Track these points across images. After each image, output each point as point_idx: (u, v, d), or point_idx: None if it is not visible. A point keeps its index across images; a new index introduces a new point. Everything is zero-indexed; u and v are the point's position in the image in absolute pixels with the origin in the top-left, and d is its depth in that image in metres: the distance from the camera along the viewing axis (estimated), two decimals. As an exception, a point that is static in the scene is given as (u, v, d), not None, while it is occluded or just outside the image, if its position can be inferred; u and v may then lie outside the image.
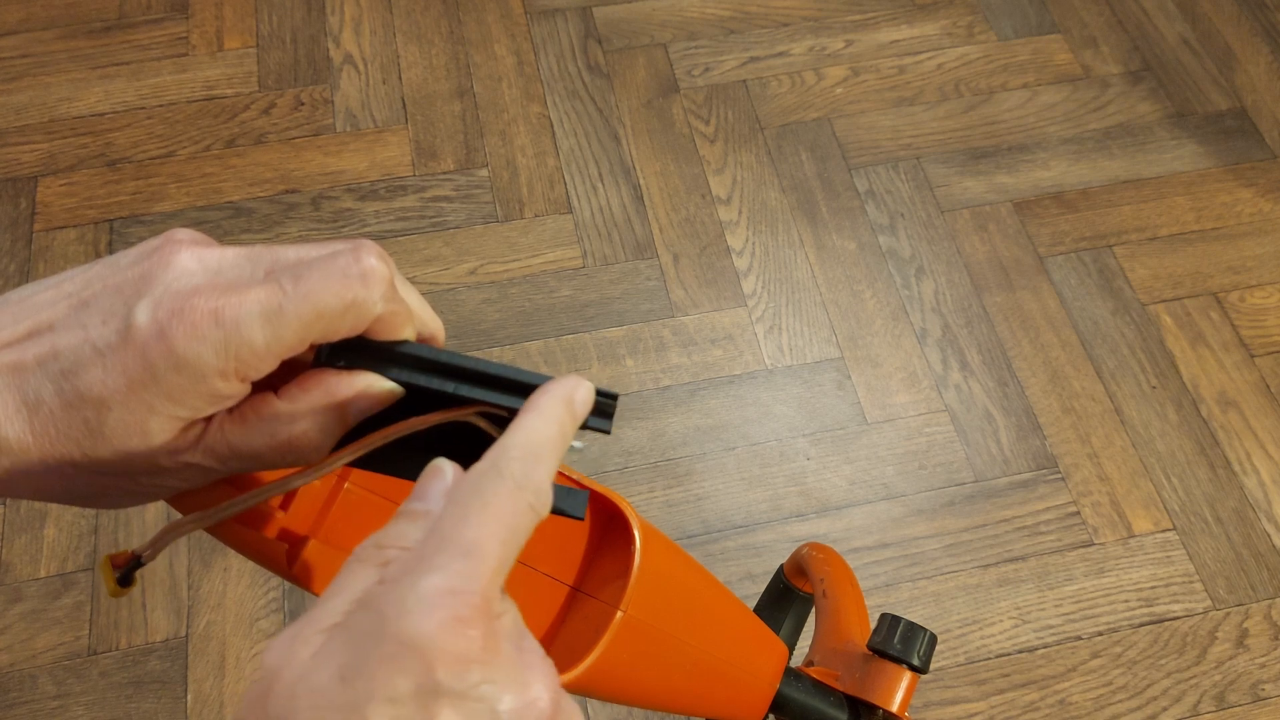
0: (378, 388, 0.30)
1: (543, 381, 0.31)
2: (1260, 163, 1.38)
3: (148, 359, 0.27)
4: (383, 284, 0.28)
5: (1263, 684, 1.03)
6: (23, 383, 0.27)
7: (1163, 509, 1.12)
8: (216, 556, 1.05)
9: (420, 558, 0.25)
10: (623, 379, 1.18)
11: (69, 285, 0.29)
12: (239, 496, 0.31)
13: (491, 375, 0.31)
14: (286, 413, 0.29)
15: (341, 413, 0.30)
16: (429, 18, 1.48)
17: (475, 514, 0.25)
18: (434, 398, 0.31)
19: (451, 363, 0.31)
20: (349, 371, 0.30)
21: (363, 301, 0.28)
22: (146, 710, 0.98)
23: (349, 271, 0.28)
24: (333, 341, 0.29)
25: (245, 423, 0.29)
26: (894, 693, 0.48)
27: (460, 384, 0.31)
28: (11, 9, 1.46)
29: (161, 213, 1.29)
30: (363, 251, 0.28)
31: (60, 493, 0.29)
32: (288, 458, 0.30)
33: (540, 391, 0.29)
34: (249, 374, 0.28)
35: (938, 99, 1.43)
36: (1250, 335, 1.24)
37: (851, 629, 0.55)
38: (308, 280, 0.27)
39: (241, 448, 0.29)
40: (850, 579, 0.60)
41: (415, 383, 0.30)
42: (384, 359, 0.30)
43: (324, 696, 0.23)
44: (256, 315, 0.27)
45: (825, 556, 0.62)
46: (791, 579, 0.68)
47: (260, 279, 0.28)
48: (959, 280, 1.27)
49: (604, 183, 1.33)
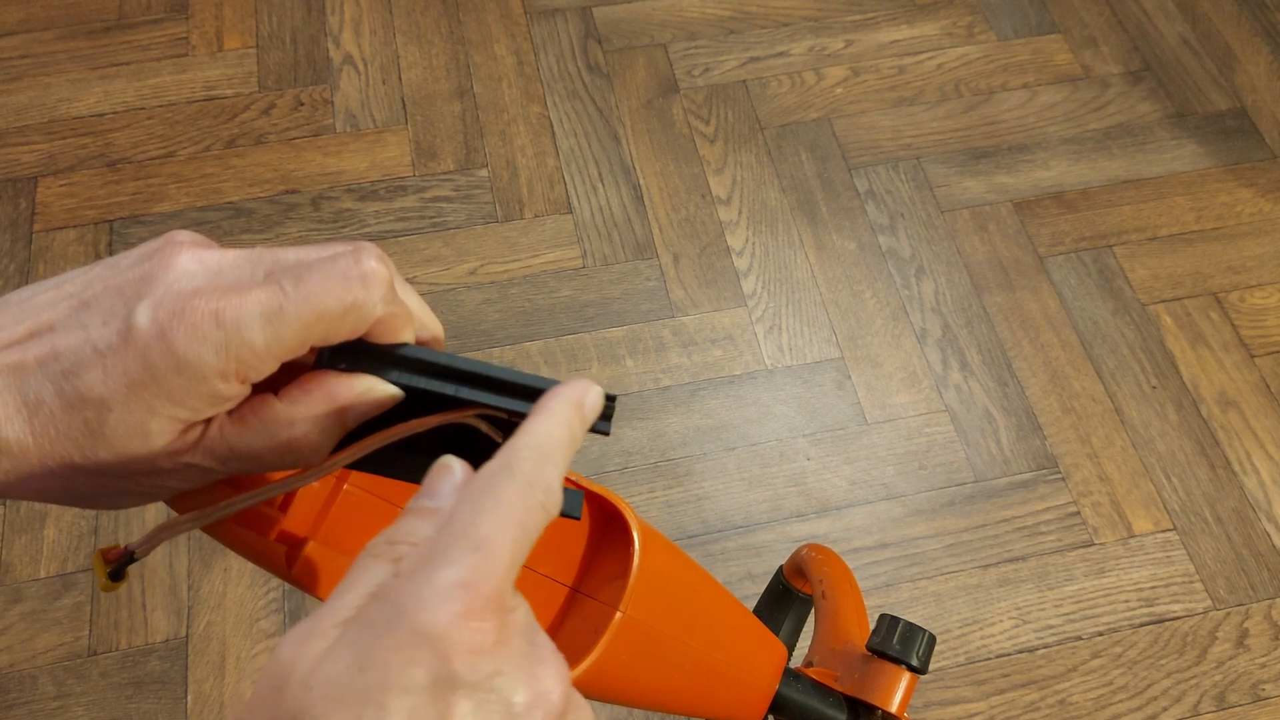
0: (378, 391, 0.30)
1: (544, 385, 0.31)
2: (1260, 163, 1.38)
3: (148, 360, 0.27)
4: (383, 286, 0.28)
5: (1263, 684, 1.03)
6: (23, 384, 0.27)
7: (1163, 509, 1.12)
8: (216, 557, 1.06)
9: (434, 552, 0.25)
10: (623, 379, 1.18)
11: (69, 286, 0.29)
12: (236, 497, 0.31)
13: (492, 378, 0.31)
14: (286, 415, 0.29)
15: (341, 415, 0.30)
16: (429, 18, 1.48)
17: (488, 510, 0.26)
18: (434, 400, 0.31)
19: (452, 365, 0.31)
20: (349, 374, 0.30)
21: (363, 303, 0.28)
22: (146, 711, 0.98)
23: (349, 273, 0.28)
24: (333, 345, 0.29)
25: (245, 424, 0.29)
26: (893, 693, 0.48)
27: (460, 386, 0.31)
28: (11, 9, 1.46)
29: (161, 213, 1.29)
30: (363, 254, 0.28)
31: (60, 494, 0.29)
32: (287, 459, 0.30)
33: (551, 394, 0.29)
34: (249, 375, 0.28)
35: (938, 99, 1.43)
36: (1250, 335, 1.24)
37: (850, 630, 0.55)
38: (308, 282, 0.27)
39: (241, 449, 0.29)
40: (849, 580, 0.60)
41: (415, 385, 0.30)
42: (384, 362, 0.30)
43: (340, 688, 0.23)
44: (257, 316, 0.27)
45: (824, 557, 0.62)
46: (791, 580, 0.68)
47: (260, 280, 0.28)
48: (959, 280, 1.27)
49: (604, 183, 1.33)
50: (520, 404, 0.31)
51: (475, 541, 0.25)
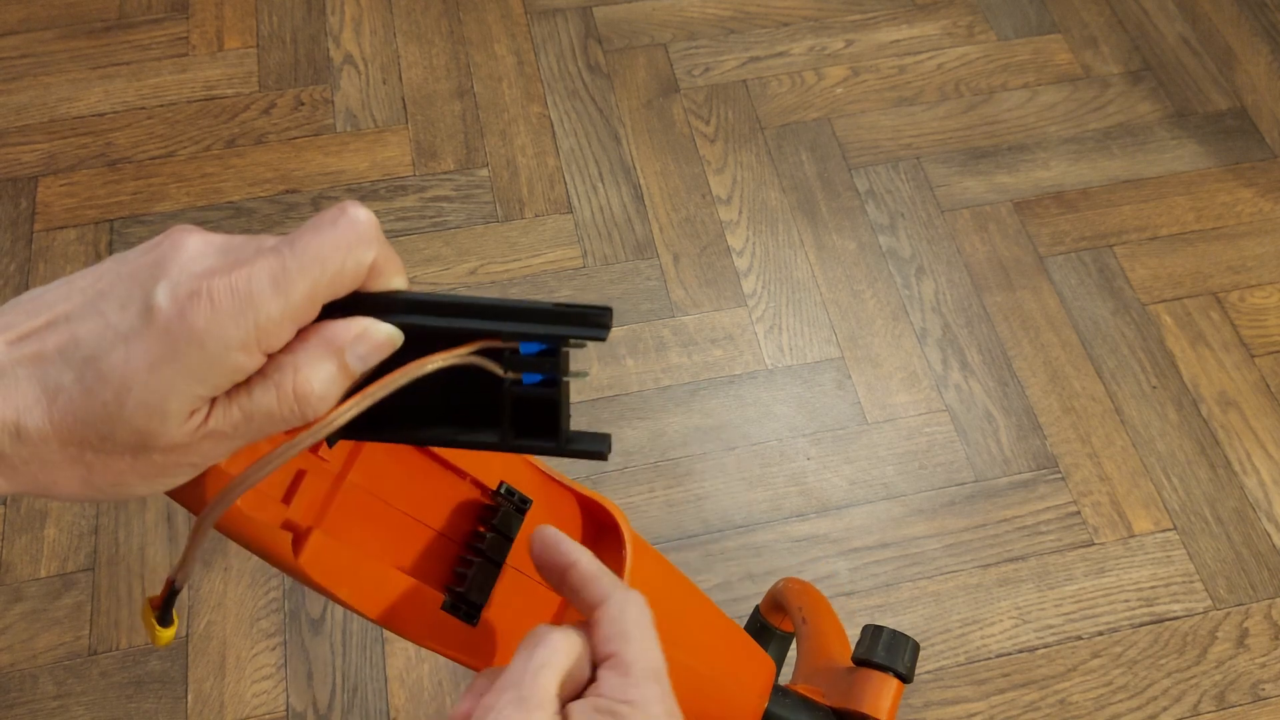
0: (375, 330, 0.31)
1: (539, 306, 0.31)
2: (1260, 163, 1.38)
3: (171, 339, 0.27)
4: (372, 229, 0.30)
5: (1263, 684, 1.03)
6: (43, 373, 0.28)
7: (1163, 509, 1.12)
8: (217, 556, 1.06)
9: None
10: (623, 379, 1.18)
11: (80, 281, 0.30)
12: (252, 465, 0.31)
13: (487, 306, 0.31)
14: (289, 362, 0.30)
15: (341, 358, 0.30)
16: (429, 18, 1.48)
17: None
18: (433, 342, 0.31)
19: (446, 300, 0.31)
20: (346, 318, 0.31)
21: (357, 248, 0.30)
22: (147, 710, 0.98)
23: (338, 223, 0.30)
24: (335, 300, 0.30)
25: (250, 384, 0.30)
26: (881, 700, 0.48)
27: (456, 319, 0.31)
28: (11, 9, 1.46)
29: (162, 213, 1.29)
30: (347, 205, 0.30)
31: (78, 484, 0.29)
32: (295, 410, 0.30)
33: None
34: (269, 344, 0.29)
35: (938, 99, 1.43)
36: (1250, 335, 1.24)
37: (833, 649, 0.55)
38: (304, 240, 0.29)
39: (251, 410, 0.30)
40: (827, 607, 0.61)
41: (413, 323, 0.31)
42: (380, 308, 0.31)
43: None
44: (267, 283, 0.28)
45: (801, 588, 0.63)
46: (768, 617, 0.68)
47: (264, 251, 0.29)
48: (959, 280, 1.27)
49: (604, 183, 1.33)
50: (521, 326, 0.31)
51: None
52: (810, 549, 1.08)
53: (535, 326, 0.31)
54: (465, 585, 0.40)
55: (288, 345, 0.30)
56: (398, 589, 0.39)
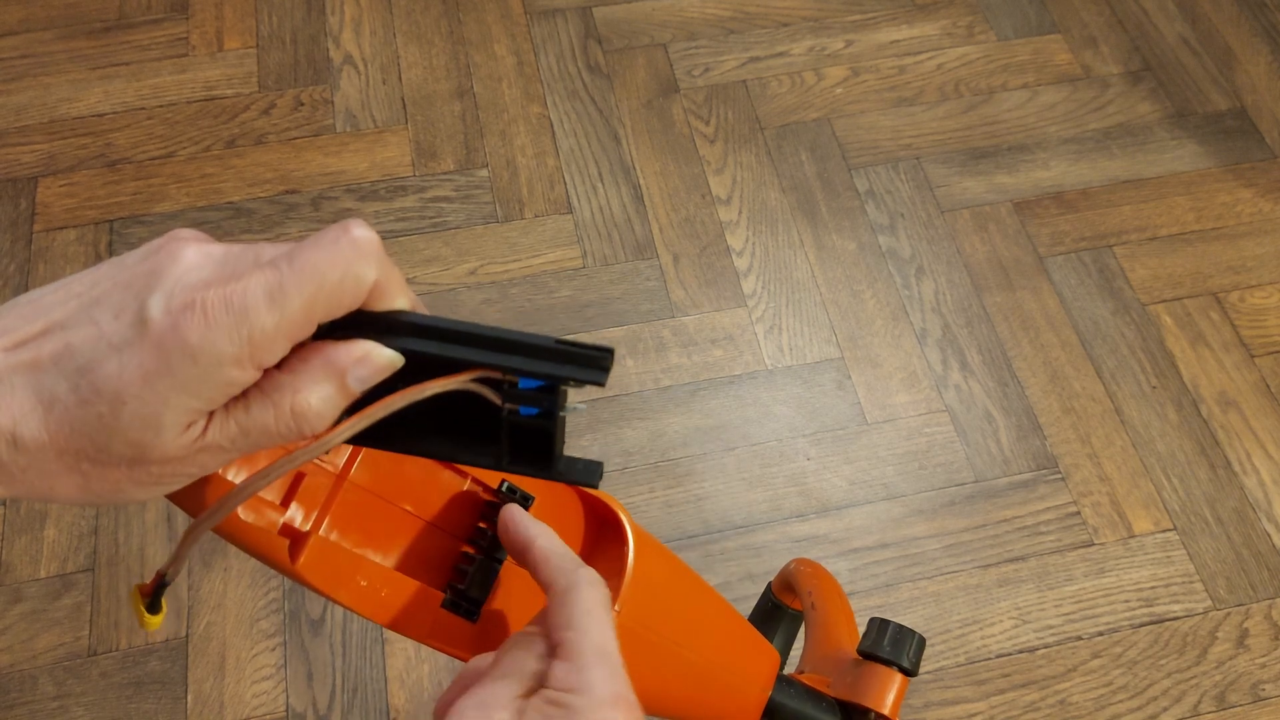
0: (376, 355, 0.30)
1: (539, 341, 0.31)
2: (1260, 163, 1.38)
3: (163, 352, 0.27)
4: (374, 249, 0.29)
5: (1263, 684, 1.03)
6: (39, 381, 0.28)
7: (1163, 509, 1.12)
8: (217, 557, 1.06)
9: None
10: (623, 379, 1.18)
11: (77, 286, 0.30)
12: (247, 479, 0.31)
13: (489, 337, 0.31)
14: (289, 382, 0.29)
15: (342, 381, 0.30)
16: (429, 18, 1.48)
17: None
18: (434, 366, 0.31)
19: (449, 327, 0.31)
20: (347, 340, 0.30)
21: (357, 268, 0.29)
22: (146, 711, 0.98)
23: (339, 241, 0.29)
24: (334, 319, 0.30)
25: (249, 399, 0.29)
26: (885, 695, 0.48)
27: (457, 347, 0.31)
28: (11, 9, 1.46)
29: (161, 213, 1.29)
30: (350, 223, 0.29)
31: (75, 491, 0.29)
32: (292, 427, 0.30)
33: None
34: (263, 359, 0.28)
35: (938, 99, 1.43)
36: (1250, 335, 1.24)
37: (841, 637, 0.55)
38: (303, 256, 0.28)
39: (248, 425, 0.30)
40: (838, 591, 0.61)
41: (413, 349, 0.31)
42: (382, 329, 0.31)
43: None
44: (262, 297, 0.27)
45: (812, 570, 0.63)
46: (779, 596, 0.68)
47: (262, 265, 0.29)
48: (959, 280, 1.27)
49: (604, 183, 1.33)
50: (518, 361, 0.31)
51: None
52: (810, 549, 1.08)
53: (535, 364, 0.31)
54: (466, 582, 0.40)
55: (289, 364, 0.30)
56: (397, 589, 0.39)
